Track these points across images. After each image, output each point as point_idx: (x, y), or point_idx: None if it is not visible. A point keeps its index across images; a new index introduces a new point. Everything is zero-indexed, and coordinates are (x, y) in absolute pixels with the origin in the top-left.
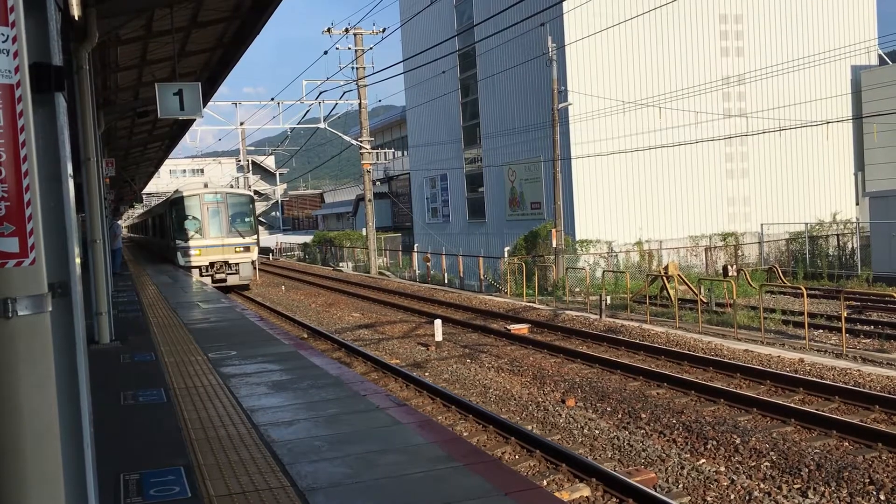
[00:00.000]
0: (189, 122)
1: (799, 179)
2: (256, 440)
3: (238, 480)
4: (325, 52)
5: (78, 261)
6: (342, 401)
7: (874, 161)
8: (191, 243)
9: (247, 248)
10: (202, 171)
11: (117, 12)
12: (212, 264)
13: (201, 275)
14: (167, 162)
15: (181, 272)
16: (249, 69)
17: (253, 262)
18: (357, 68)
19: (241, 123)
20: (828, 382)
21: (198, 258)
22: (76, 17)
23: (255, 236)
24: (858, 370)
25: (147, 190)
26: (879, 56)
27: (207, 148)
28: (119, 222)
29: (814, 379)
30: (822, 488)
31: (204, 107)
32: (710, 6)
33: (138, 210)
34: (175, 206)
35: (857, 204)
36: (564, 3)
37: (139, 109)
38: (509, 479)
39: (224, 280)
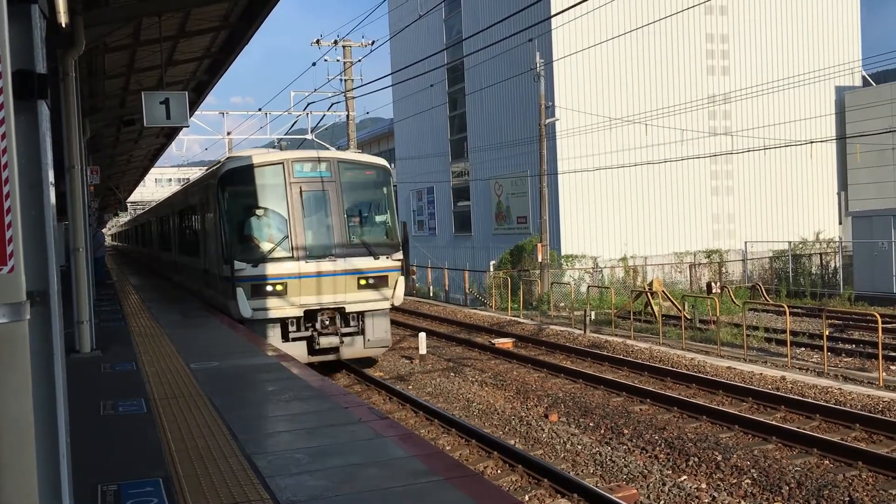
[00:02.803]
0: (176, 131)
1: (783, 198)
2: (237, 452)
3: (217, 493)
4: (314, 64)
5: (57, 269)
6: (324, 413)
7: (857, 181)
8: (268, 269)
9: (381, 279)
10: (189, 180)
11: (105, 20)
12: (309, 315)
13: (286, 337)
14: (153, 170)
15: (167, 282)
16: (237, 79)
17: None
18: (345, 80)
19: (228, 133)
20: (809, 400)
21: (281, 302)
22: (63, 25)
23: (401, 253)
24: (840, 388)
25: (132, 199)
26: (863, 77)
27: (194, 157)
28: (103, 231)
29: (795, 397)
30: None
31: (191, 116)
32: (697, 25)
33: (124, 217)
34: (228, 185)
35: (840, 223)
36: (553, 20)
37: (125, 117)
38: (490, 494)
39: (335, 349)
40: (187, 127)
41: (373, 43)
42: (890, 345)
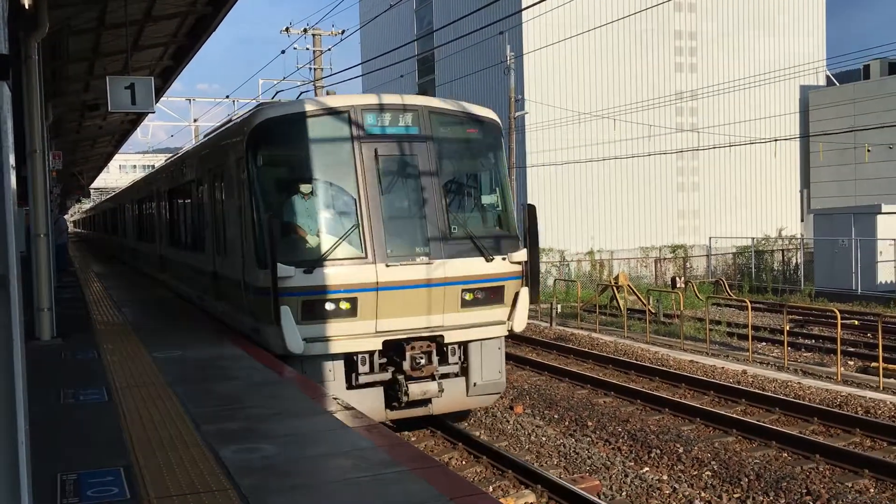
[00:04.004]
0: (141, 117)
1: (747, 195)
2: (199, 441)
3: (179, 482)
4: (283, 52)
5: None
6: (289, 403)
7: (819, 179)
8: (329, 277)
9: (495, 292)
10: (153, 167)
11: (69, 2)
12: (390, 348)
13: (353, 381)
14: (117, 157)
15: (137, 274)
16: (205, 65)
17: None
18: (315, 69)
19: (195, 120)
20: (769, 394)
21: (348, 328)
22: (26, 6)
23: (523, 252)
24: (799, 383)
25: (95, 185)
26: (827, 77)
27: (159, 144)
28: (65, 217)
29: (756, 390)
30: (761, 498)
31: (156, 102)
32: (665, 22)
33: (87, 204)
34: (264, 145)
35: (802, 220)
36: (524, 13)
37: (89, 102)
38: (455, 485)
39: (425, 401)
40: (153, 113)
41: (343, 32)
42: (848, 340)
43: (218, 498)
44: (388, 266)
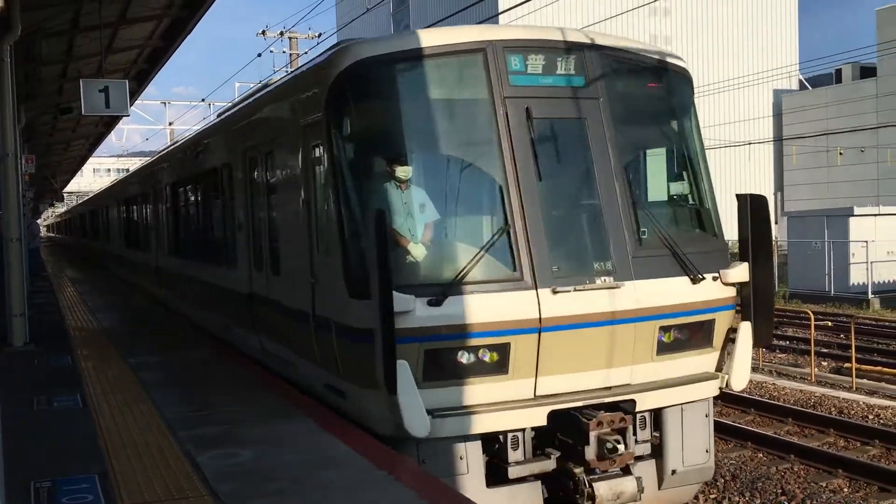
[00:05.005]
0: (115, 120)
1: (722, 197)
2: (175, 447)
3: (155, 488)
4: (259, 55)
5: None
6: (265, 407)
7: (793, 182)
8: (470, 311)
9: (700, 329)
10: (128, 170)
11: (43, 4)
12: (558, 422)
13: (495, 474)
14: (91, 160)
15: (116, 280)
16: (180, 68)
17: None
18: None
19: (170, 123)
20: (745, 395)
21: (492, 391)
22: None
23: (741, 266)
24: (773, 384)
25: (69, 189)
26: (800, 81)
27: (134, 147)
28: (38, 221)
29: (731, 392)
30: (737, 498)
31: (131, 105)
32: (641, 26)
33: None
34: (355, 103)
35: (776, 223)
36: (500, 17)
37: (63, 105)
38: (434, 489)
39: (613, 496)
40: (127, 116)
41: (320, 35)
42: (822, 341)
43: None
44: (555, 292)
